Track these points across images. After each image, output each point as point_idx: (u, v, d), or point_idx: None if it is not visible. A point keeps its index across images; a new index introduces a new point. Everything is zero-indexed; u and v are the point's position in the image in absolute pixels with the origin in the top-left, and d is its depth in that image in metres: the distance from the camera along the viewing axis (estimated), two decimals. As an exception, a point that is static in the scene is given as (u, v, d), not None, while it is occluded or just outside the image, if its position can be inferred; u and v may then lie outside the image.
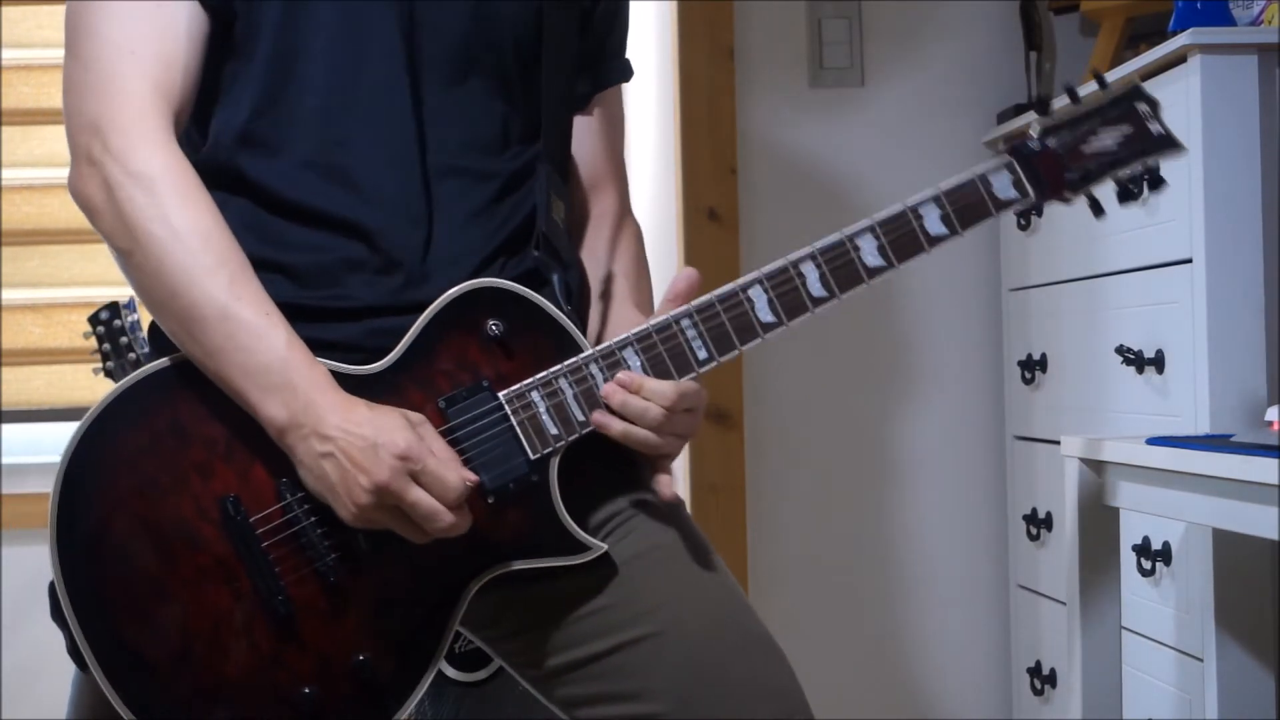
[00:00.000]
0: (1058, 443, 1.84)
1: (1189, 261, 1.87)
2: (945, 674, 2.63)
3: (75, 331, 2.70)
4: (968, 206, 1.42)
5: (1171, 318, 1.92)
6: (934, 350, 2.63)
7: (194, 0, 1.41)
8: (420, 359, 1.38)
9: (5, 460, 2.73)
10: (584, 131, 1.60)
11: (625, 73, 1.63)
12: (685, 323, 1.39)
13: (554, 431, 1.38)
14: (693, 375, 1.40)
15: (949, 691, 2.63)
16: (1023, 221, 2.41)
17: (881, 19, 2.62)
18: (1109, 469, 1.73)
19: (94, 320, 2.28)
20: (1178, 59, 1.89)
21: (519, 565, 1.38)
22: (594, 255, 1.58)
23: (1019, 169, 1.44)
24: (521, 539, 1.38)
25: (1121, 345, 2.01)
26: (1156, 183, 1.50)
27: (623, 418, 1.37)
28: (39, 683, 2.67)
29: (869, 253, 1.41)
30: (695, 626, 1.39)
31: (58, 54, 1.45)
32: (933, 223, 1.42)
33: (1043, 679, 2.41)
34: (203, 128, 1.46)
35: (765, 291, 1.40)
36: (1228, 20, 1.93)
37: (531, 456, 1.37)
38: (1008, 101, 2.57)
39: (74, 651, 1.35)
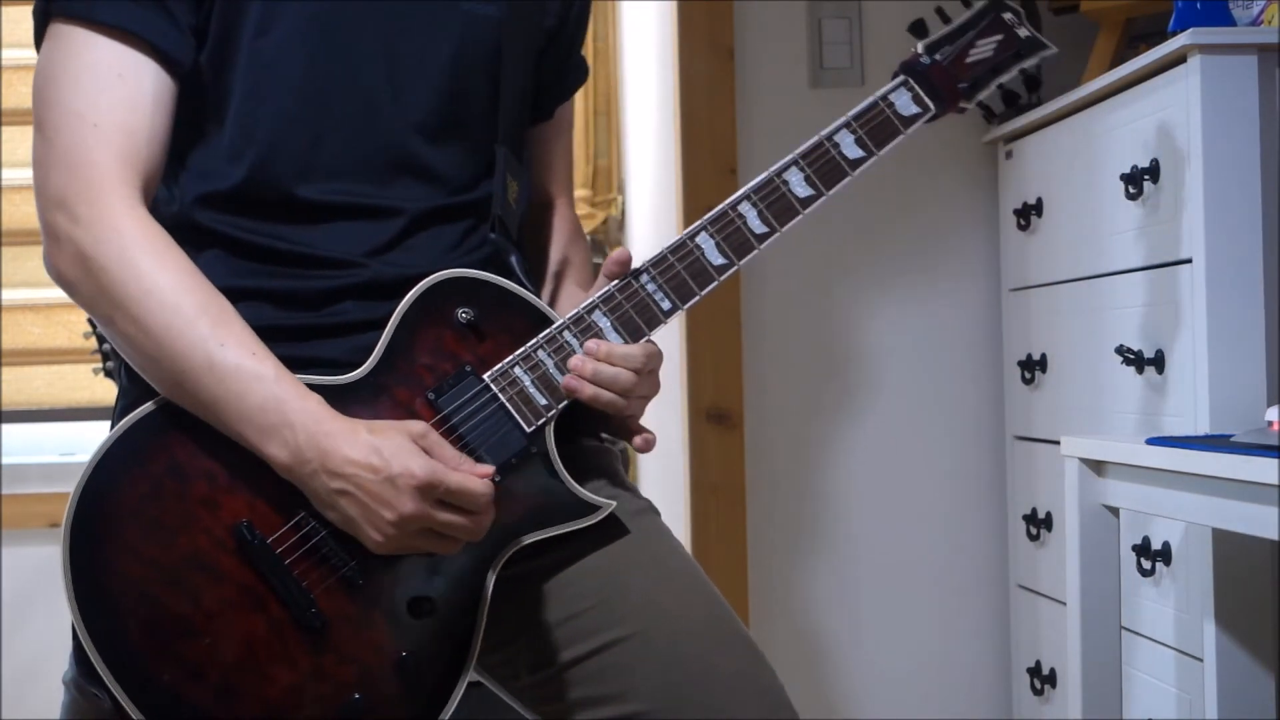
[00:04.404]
0: (1058, 443, 1.84)
1: (1189, 261, 1.87)
2: (945, 674, 2.63)
3: (75, 331, 2.70)
4: (877, 127, 1.53)
5: (1171, 318, 1.92)
6: (934, 350, 2.63)
7: (157, 65, 1.39)
8: (400, 357, 1.39)
9: (5, 460, 2.73)
10: (541, 135, 1.65)
11: (582, 75, 1.69)
12: (644, 278, 1.45)
13: (543, 401, 1.41)
14: (661, 327, 1.45)
15: (949, 691, 2.63)
16: (1022, 222, 2.41)
17: (881, 19, 2.61)
18: (1109, 469, 1.73)
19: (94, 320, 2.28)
20: (1178, 59, 1.89)
21: (533, 538, 1.40)
22: (547, 243, 1.65)
23: (915, 85, 1.56)
24: (532, 511, 1.40)
25: (1121, 345, 2.01)
26: (1034, 84, 1.73)
27: (595, 385, 1.41)
28: (39, 683, 2.67)
29: (798, 185, 1.49)
30: (676, 625, 1.40)
31: (58, 54, 1.45)
32: (849, 148, 1.52)
33: (1043, 679, 2.41)
34: (170, 181, 1.46)
35: (711, 237, 1.47)
36: (1227, 20, 1.93)
37: (526, 429, 1.40)
38: (1007, 101, 2.57)
39: (118, 712, 1.33)
